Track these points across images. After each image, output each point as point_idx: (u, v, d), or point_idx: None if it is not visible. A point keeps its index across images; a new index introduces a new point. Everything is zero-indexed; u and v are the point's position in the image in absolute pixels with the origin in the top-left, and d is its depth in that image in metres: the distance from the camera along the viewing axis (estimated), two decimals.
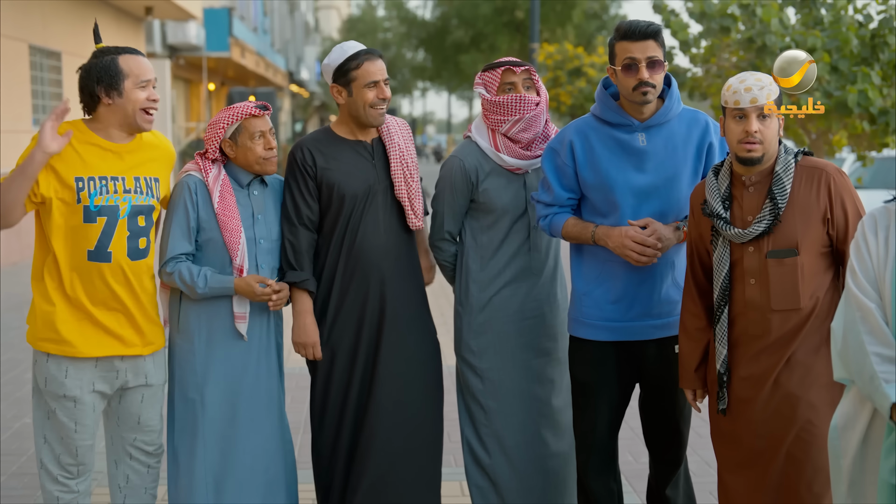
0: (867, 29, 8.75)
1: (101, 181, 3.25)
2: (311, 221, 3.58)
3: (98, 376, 3.32)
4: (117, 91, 3.25)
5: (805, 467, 2.96)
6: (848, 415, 2.54)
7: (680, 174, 3.38)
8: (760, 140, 2.97)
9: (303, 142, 3.64)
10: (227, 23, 23.42)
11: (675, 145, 3.39)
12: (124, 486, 3.48)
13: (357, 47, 3.57)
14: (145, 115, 3.31)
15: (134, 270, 3.32)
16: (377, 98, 3.54)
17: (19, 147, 12.07)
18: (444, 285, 9.97)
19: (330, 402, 3.61)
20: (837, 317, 2.52)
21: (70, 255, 3.25)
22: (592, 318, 3.46)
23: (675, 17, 9.94)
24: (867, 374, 2.40)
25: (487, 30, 33.53)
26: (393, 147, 3.62)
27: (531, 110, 3.58)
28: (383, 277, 3.59)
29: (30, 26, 12.94)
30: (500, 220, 3.68)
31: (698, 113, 3.48)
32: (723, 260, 3.08)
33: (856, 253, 2.50)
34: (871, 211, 2.54)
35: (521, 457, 3.73)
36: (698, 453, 4.81)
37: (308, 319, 3.56)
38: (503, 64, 3.61)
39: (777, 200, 2.98)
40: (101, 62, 3.26)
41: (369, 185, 3.58)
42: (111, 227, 3.25)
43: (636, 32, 3.26)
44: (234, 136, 3.48)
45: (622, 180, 3.37)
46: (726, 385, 3.10)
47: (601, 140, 3.41)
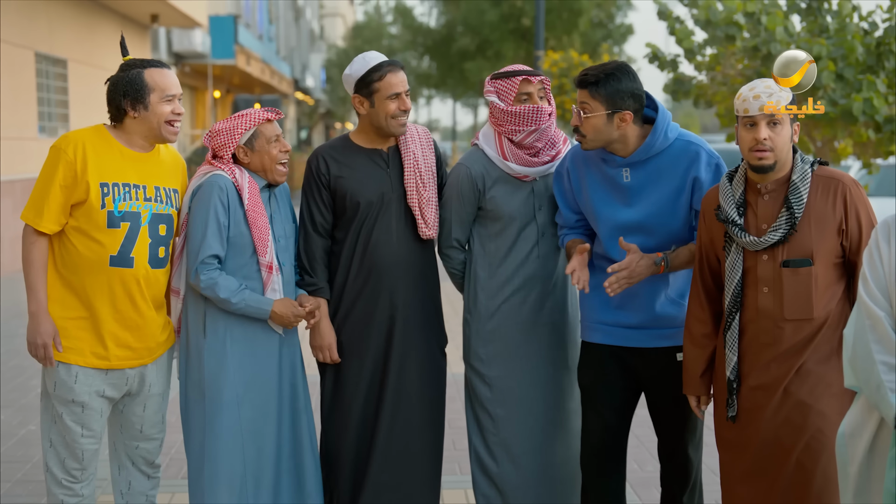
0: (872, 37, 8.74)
1: (124, 187, 3.28)
2: (325, 229, 3.63)
3: (108, 383, 3.34)
4: (143, 104, 3.30)
5: (814, 477, 2.96)
6: (855, 422, 2.54)
7: (665, 210, 3.36)
8: (771, 147, 2.98)
9: (320, 150, 3.69)
10: (232, 30, 23.47)
11: (658, 181, 3.35)
12: (126, 492, 3.51)
13: (379, 58, 3.59)
14: (170, 128, 3.35)
15: (153, 279, 3.35)
16: (399, 109, 3.57)
17: (25, 154, 12.13)
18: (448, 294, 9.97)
19: (337, 406, 3.64)
20: (849, 324, 2.52)
21: (89, 261, 3.26)
22: (591, 320, 3.52)
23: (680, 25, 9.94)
24: (874, 382, 2.39)
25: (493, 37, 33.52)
26: (408, 155, 3.64)
27: (546, 121, 3.59)
28: (394, 285, 3.61)
29: (36, 34, 12.97)
30: (507, 228, 3.68)
31: (691, 145, 3.36)
32: (735, 266, 3.07)
33: (868, 261, 2.49)
34: (885, 219, 2.52)
35: (529, 465, 3.73)
36: (703, 462, 4.79)
37: (324, 323, 3.61)
38: (520, 73, 3.59)
39: (794, 210, 2.98)
40: (127, 76, 3.30)
41: (383, 193, 3.60)
42: (134, 233, 3.28)
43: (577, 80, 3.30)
44: (249, 141, 3.49)
45: (607, 214, 3.40)
46: (736, 392, 3.09)
47: (591, 172, 3.45)
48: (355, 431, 3.62)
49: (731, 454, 3.15)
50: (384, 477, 3.60)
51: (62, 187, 3.23)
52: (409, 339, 3.64)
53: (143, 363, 3.39)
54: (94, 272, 3.27)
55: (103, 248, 3.25)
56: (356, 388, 3.62)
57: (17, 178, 11.88)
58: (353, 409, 3.62)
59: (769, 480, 3.04)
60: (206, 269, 3.38)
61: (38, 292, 3.27)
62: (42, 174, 3.27)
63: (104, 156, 3.28)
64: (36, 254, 3.27)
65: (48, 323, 3.26)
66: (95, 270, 3.26)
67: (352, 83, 3.63)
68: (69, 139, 3.28)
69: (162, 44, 20.78)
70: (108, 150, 3.30)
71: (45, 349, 3.26)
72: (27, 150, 12.27)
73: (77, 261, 3.27)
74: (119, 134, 3.35)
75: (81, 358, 3.29)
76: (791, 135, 3.02)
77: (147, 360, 3.40)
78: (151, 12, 17.15)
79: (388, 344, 3.62)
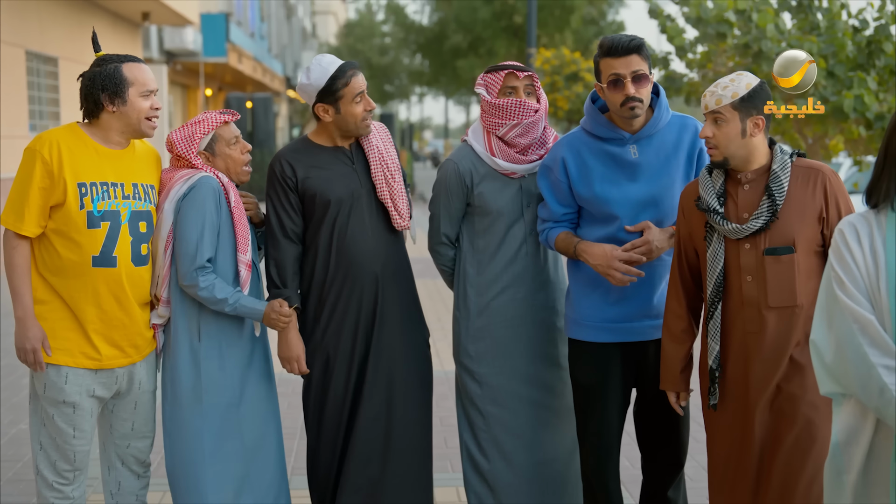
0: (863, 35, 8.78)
1: (102, 186, 3.25)
2: (296, 234, 3.58)
3: (98, 382, 3.33)
4: (121, 99, 3.26)
5: (805, 467, 2.97)
6: (850, 429, 2.44)
7: (674, 182, 3.41)
8: (714, 145, 3.03)
9: (281, 154, 3.62)
10: (224, 28, 23.42)
11: (666, 154, 3.41)
12: (116, 492, 3.49)
13: (335, 62, 3.53)
14: (149, 122, 3.33)
15: (137, 277, 3.33)
16: (366, 111, 3.54)
17: (16, 152, 12.05)
18: (440, 290, 10.01)
19: (328, 406, 3.61)
20: (819, 329, 2.42)
21: (72, 263, 3.24)
22: (593, 319, 3.49)
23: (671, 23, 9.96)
24: (875, 387, 2.29)
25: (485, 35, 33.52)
26: (371, 150, 3.63)
27: (529, 116, 3.59)
28: (375, 279, 3.59)
29: (27, 32, 12.94)
30: (495, 224, 3.69)
31: (687, 118, 3.50)
32: (717, 256, 3.09)
33: (839, 263, 2.40)
34: (848, 218, 2.45)
35: (520, 462, 3.73)
36: (695, 458, 4.80)
37: (292, 334, 3.56)
38: (507, 67, 3.61)
39: (776, 197, 3.01)
40: (104, 70, 3.26)
41: (352, 190, 3.58)
42: (115, 231, 3.25)
43: (619, 48, 3.28)
44: (209, 146, 3.47)
45: (618, 193, 3.40)
46: (718, 381, 3.11)
47: (594, 154, 3.44)
48: (343, 430, 3.60)
49: (721, 445, 3.16)
50: (370, 472, 3.56)
51: (41, 189, 3.19)
52: (392, 331, 3.62)
53: (131, 361, 3.38)
54: (77, 274, 3.24)
55: (85, 249, 3.23)
56: (346, 387, 3.59)
57: (9, 176, 11.82)
58: (343, 408, 3.60)
59: (759, 472, 3.05)
60: (204, 272, 3.37)
61: (24, 297, 3.24)
62: (19, 177, 3.22)
63: (80, 155, 3.24)
64: (18, 258, 3.24)
65: (36, 328, 3.24)
66: (78, 272, 3.24)
67: (312, 93, 3.55)
68: (43, 140, 3.23)
69: (153, 42, 20.73)
70: (83, 148, 3.26)
71: (35, 354, 3.24)
72: (18, 148, 12.16)
73: (59, 263, 3.25)
74: (94, 131, 3.31)
75: (71, 358, 3.28)
76: (744, 130, 3.02)
77: (136, 359, 3.39)
78: (143, 10, 17.12)
79: (370, 337, 3.60)
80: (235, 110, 3.47)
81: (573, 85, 18.98)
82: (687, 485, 3.76)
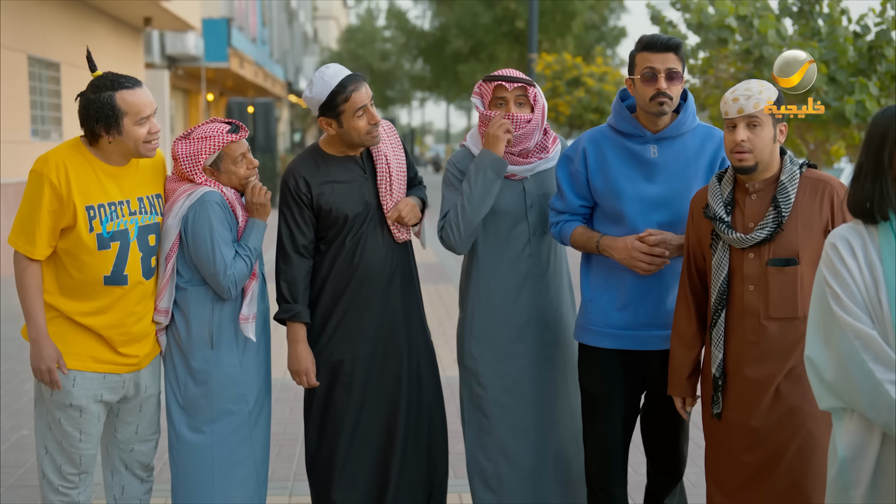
0: (864, 40, 8.79)
1: (109, 207, 3.25)
2: (307, 250, 3.57)
3: (105, 387, 3.34)
4: (117, 129, 3.22)
5: (805, 479, 2.97)
6: (856, 444, 2.40)
7: (690, 186, 3.40)
8: (749, 149, 3.00)
9: (294, 168, 3.60)
10: (225, 33, 23.48)
11: (686, 158, 3.43)
12: (119, 497, 3.50)
13: (338, 74, 3.50)
14: (148, 146, 3.30)
15: (148, 290, 3.36)
16: (370, 124, 3.51)
17: (17, 157, 12.12)
18: (442, 295, 9.98)
19: (330, 414, 3.61)
20: (814, 345, 2.39)
21: (83, 283, 3.24)
22: (598, 324, 3.49)
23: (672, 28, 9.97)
24: (883, 404, 2.26)
25: (487, 40, 33.58)
26: (380, 160, 3.62)
27: (520, 128, 3.59)
28: (385, 290, 3.61)
29: (29, 37, 12.96)
30: (498, 225, 3.69)
31: (714, 129, 3.52)
32: (722, 264, 3.09)
33: (835, 278, 2.36)
34: (838, 232, 2.41)
35: (524, 464, 3.73)
36: (697, 464, 4.80)
37: (301, 347, 3.56)
38: (497, 79, 3.61)
39: (781, 209, 3.00)
40: (98, 100, 3.21)
41: (367, 202, 3.59)
42: (125, 250, 3.27)
43: (657, 44, 3.33)
44: (215, 163, 3.45)
45: (631, 190, 3.41)
46: (721, 390, 3.11)
47: (613, 149, 3.46)
48: (345, 430, 3.60)
49: (721, 454, 3.16)
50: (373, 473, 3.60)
51: (50, 212, 3.18)
52: (399, 340, 3.64)
53: (138, 367, 3.40)
54: (89, 292, 3.26)
55: (96, 270, 3.24)
56: (349, 395, 3.60)
57: (10, 181, 11.87)
58: (346, 416, 3.60)
59: (759, 482, 3.05)
60: (226, 279, 3.38)
61: (37, 318, 3.24)
62: (27, 200, 3.21)
63: (85, 176, 3.23)
64: (30, 279, 3.24)
65: (50, 347, 3.24)
66: (90, 291, 3.25)
67: (315, 106, 3.55)
68: (49, 162, 3.20)
69: (155, 47, 20.76)
70: (88, 168, 3.25)
71: (51, 374, 3.24)
72: (20, 153, 12.25)
73: (70, 283, 3.26)
74: (96, 150, 3.29)
75: (80, 362, 3.28)
76: (774, 136, 3.04)
77: (143, 364, 3.41)
78: (144, 15, 17.14)
79: (376, 347, 3.61)
80: (237, 118, 3.45)
81: (574, 90, 19.00)
82: (689, 490, 3.76)
